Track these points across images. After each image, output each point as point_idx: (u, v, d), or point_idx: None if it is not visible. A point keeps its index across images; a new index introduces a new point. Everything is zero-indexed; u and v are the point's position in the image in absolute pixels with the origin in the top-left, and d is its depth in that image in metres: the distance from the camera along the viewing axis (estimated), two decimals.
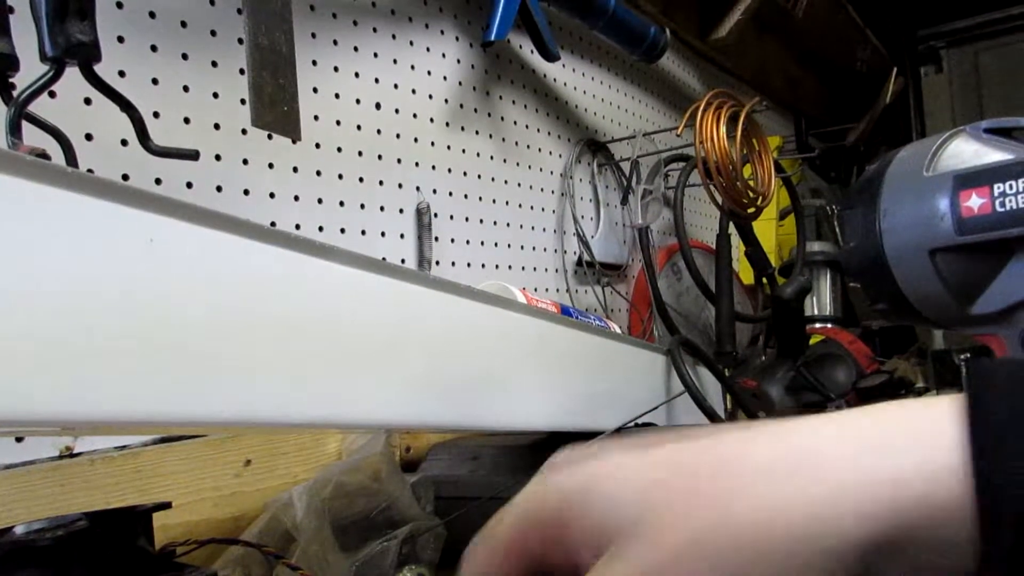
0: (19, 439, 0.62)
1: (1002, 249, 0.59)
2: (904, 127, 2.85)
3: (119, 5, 0.71)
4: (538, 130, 1.28)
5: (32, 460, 0.62)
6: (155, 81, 0.74)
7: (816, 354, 1.24)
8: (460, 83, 1.12)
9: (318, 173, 0.89)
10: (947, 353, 0.77)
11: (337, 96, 0.92)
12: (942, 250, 0.61)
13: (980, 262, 0.61)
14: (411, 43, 1.04)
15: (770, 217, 1.72)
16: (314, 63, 0.90)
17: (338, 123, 0.92)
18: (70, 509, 0.61)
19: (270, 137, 0.82)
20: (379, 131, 0.98)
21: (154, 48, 0.74)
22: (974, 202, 0.58)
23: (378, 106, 0.98)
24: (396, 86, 1.01)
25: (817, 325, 1.72)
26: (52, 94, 0.63)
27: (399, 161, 1.00)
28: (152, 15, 0.74)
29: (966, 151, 0.61)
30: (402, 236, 1.00)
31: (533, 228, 1.24)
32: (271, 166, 0.84)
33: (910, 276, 0.64)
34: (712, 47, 1.69)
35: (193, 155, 0.61)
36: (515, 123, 1.23)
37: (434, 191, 1.05)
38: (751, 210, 1.23)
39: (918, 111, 2.91)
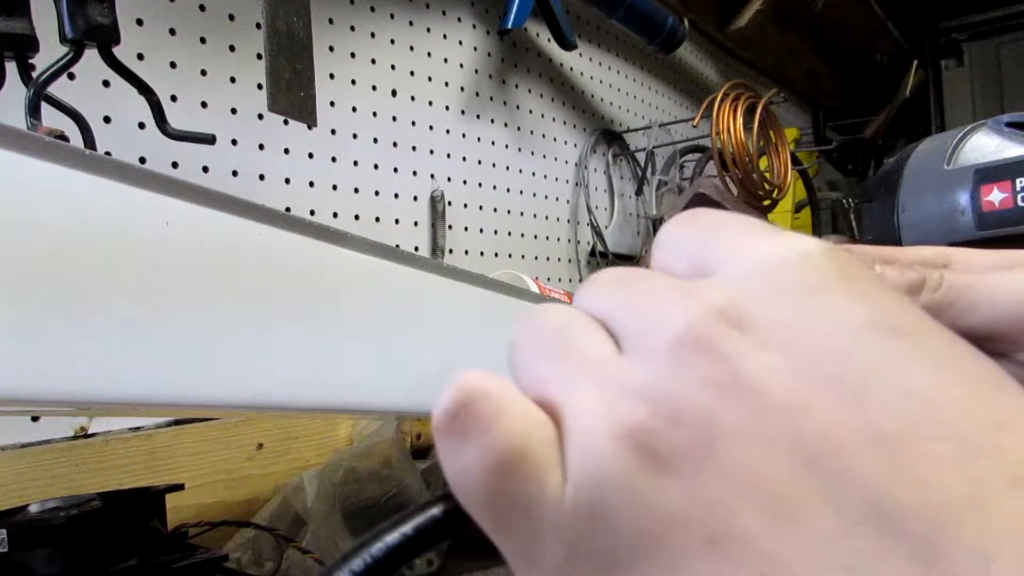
0: (35, 418, 0.62)
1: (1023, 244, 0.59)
2: (924, 121, 2.82)
3: None
4: (553, 119, 1.27)
5: (47, 440, 0.63)
6: (173, 64, 0.74)
7: None
8: (476, 71, 1.12)
9: (333, 159, 0.89)
10: None
11: (353, 82, 0.92)
12: (962, 245, 0.61)
13: None
14: (428, 30, 1.04)
15: (785, 209, 1.70)
16: (331, 49, 0.90)
17: (354, 110, 0.92)
18: (84, 489, 0.62)
19: (286, 122, 0.82)
20: (394, 118, 0.98)
21: (172, 31, 0.74)
22: (995, 196, 0.58)
23: (394, 93, 0.98)
24: (412, 73, 1.01)
25: None
26: (71, 76, 0.63)
27: (414, 148, 1.00)
28: None
29: (987, 145, 0.60)
30: (416, 224, 1.00)
31: (547, 217, 1.24)
32: (287, 151, 0.84)
33: None
34: (730, 38, 1.68)
35: (210, 139, 0.61)
36: (531, 112, 1.22)
37: (448, 179, 1.05)
38: (766, 202, 1.22)
39: (938, 104, 2.88)
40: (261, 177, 0.81)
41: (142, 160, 0.70)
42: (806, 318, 0.14)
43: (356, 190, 0.92)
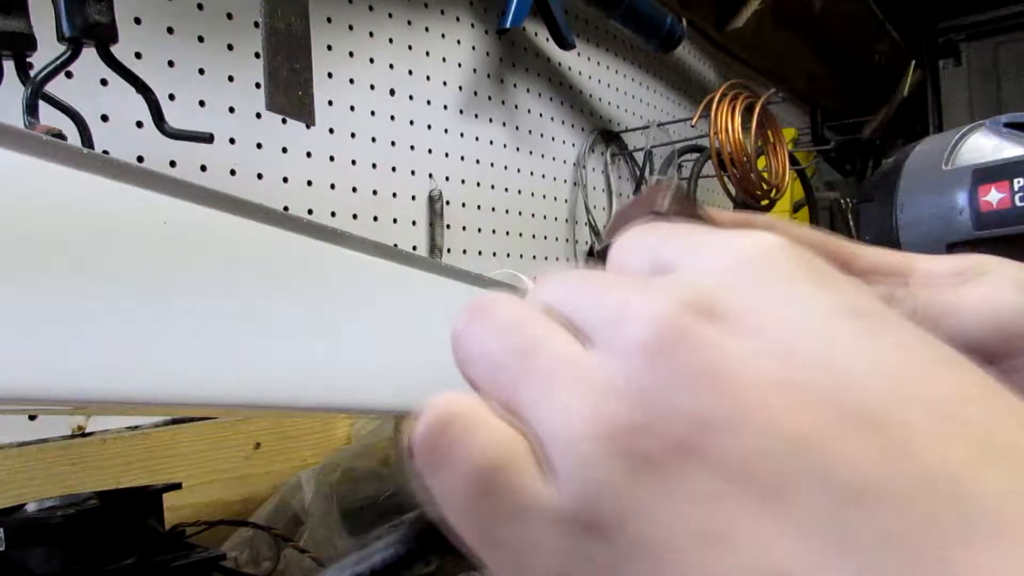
0: (32, 417, 0.62)
1: (1021, 244, 0.59)
2: (921, 121, 2.82)
3: None
4: (552, 119, 1.27)
5: (45, 438, 0.63)
6: (171, 63, 0.74)
7: None
8: (475, 70, 1.12)
9: (331, 159, 0.89)
10: None
11: (352, 81, 0.92)
12: (959, 244, 0.61)
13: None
14: (426, 29, 1.04)
15: (783, 210, 1.70)
16: (329, 48, 0.90)
17: (352, 108, 0.92)
18: (81, 488, 0.62)
19: (284, 121, 0.82)
20: (393, 117, 0.98)
21: (170, 30, 0.74)
22: (993, 196, 0.58)
23: (392, 92, 0.98)
24: (411, 72, 1.01)
25: None
26: (69, 74, 0.63)
27: (412, 148, 1.00)
28: None
29: (985, 145, 0.60)
30: (414, 223, 1.00)
31: (545, 217, 1.24)
32: (285, 150, 0.84)
33: None
34: (729, 38, 1.68)
35: (208, 138, 0.61)
36: (529, 111, 1.22)
37: (447, 178, 1.05)
38: (764, 202, 1.22)
39: (936, 105, 2.88)
40: (259, 176, 0.81)
41: (140, 159, 0.70)
42: (774, 306, 0.14)
43: (354, 189, 0.92)
